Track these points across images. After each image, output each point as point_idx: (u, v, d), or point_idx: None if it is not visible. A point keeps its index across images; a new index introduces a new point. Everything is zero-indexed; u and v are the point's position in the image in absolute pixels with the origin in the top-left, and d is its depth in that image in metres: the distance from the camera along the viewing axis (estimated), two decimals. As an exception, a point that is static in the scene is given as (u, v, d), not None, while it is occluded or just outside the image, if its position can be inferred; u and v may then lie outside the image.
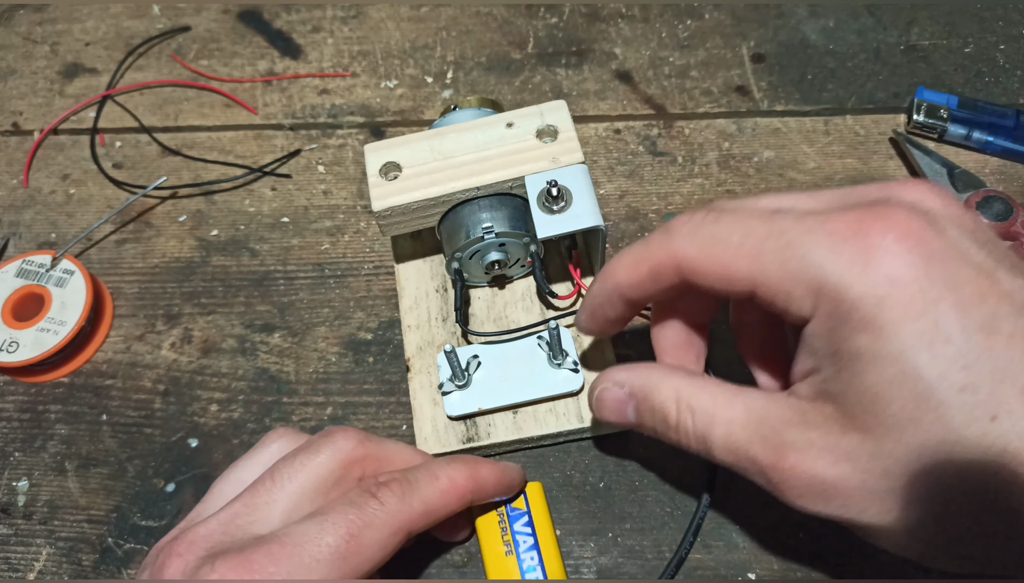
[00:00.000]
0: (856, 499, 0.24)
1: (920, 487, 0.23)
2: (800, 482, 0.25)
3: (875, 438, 0.23)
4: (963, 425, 0.22)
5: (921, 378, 0.22)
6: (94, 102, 0.53)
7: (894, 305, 0.23)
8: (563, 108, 0.37)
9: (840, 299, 0.23)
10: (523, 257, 0.38)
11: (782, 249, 0.24)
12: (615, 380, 0.30)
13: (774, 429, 0.26)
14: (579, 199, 0.35)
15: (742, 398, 0.27)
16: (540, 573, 0.32)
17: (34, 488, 0.38)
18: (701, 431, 0.27)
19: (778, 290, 0.25)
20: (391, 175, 0.36)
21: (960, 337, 0.22)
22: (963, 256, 0.23)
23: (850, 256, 0.23)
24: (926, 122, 0.46)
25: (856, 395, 0.24)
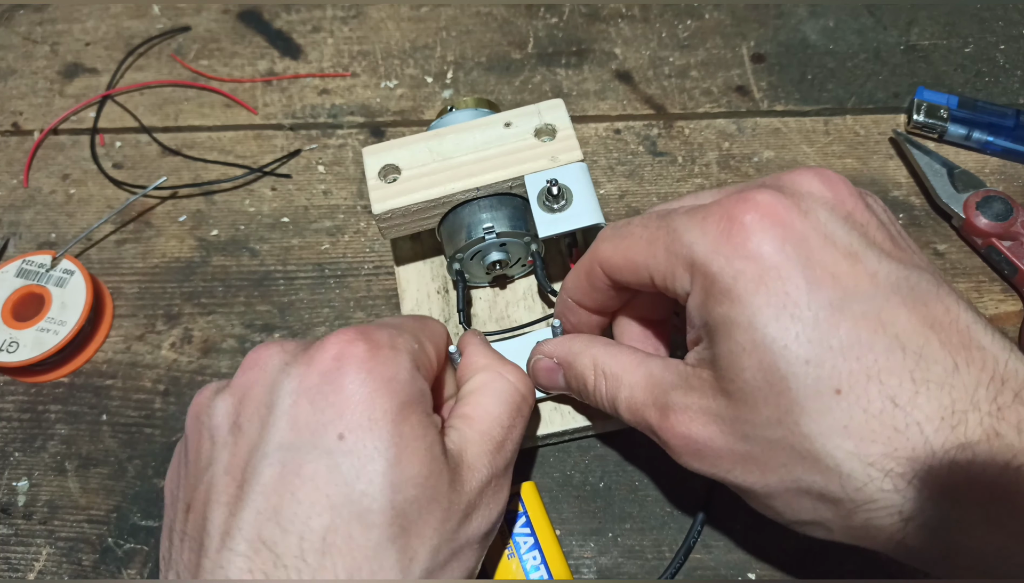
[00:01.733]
0: (724, 460, 0.26)
1: (775, 454, 0.25)
2: (679, 441, 0.27)
3: (735, 403, 0.25)
4: (806, 396, 0.23)
5: (768, 348, 0.24)
6: (94, 102, 0.53)
7: (748, 278, 0.24)
8: (561, 107, 0.37)
9: (706, 273, 0.25)
10: (524, 256, 0.38)
11: (668, 235, 0.27)
12: (545, 351, 0.34)
13: (664, 392, 0.28)
14: (579, 197, 0.35)
15: (646, 365, 0.29)
16: (544, 573, 0.32)
17: (34, 488, 0.38)
18: (611, 394, 0.30)
19: (665, 272, 0.27)
20: (390, 177, 0.36)
21: (807, 312, 0.24)
22: (826, 236, 0.25)
23: (715, 235, 0.25)
24: (926, 122, 0.46)
25: (721, 361, 0.25)
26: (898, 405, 0.23)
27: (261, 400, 0.26)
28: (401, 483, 0.25)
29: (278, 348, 0.28)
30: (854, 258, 0.25)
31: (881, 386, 0.23)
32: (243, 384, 0.27)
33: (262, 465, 0.25)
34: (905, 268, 0.25)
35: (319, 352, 0.26)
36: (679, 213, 0.27)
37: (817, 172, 0.27)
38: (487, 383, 0.30)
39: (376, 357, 0.26)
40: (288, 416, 0.25)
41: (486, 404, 0.29)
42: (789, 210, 0.25)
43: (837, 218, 0.25)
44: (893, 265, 0.25)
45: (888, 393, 0.23)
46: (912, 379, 0.23)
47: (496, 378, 0.30)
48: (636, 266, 0.28)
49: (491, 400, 0.30)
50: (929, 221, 0.44)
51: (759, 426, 0.25)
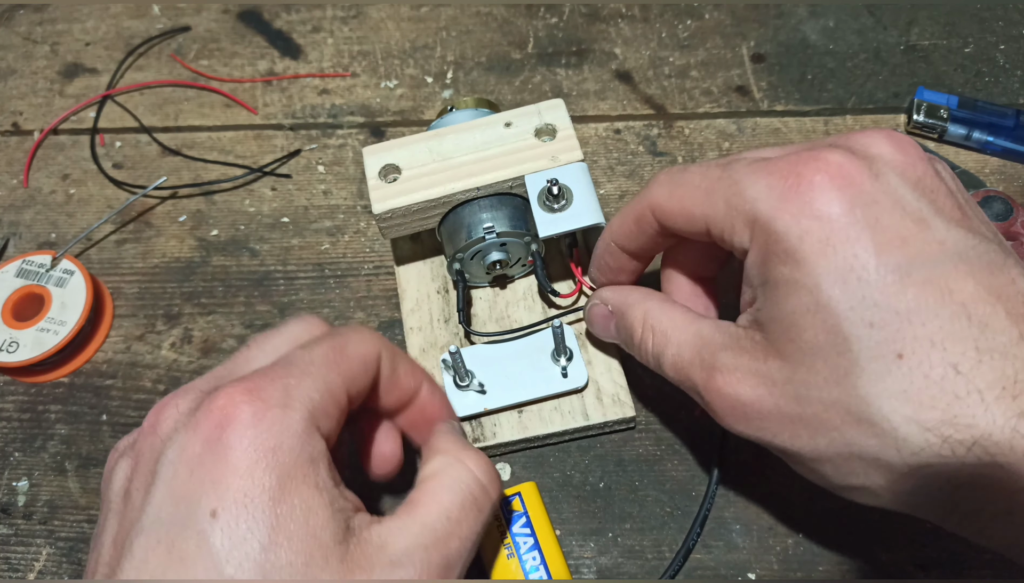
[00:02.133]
0: (772, 422, 0.26)
1: (829, 417, 0.24)
2: (725, 402, 0.27)
3: (791, 365, 0.25)
4: (868, 359, 0.23)
5: (832, 310, 0.24)
6: (94, 102, 0.53)
7: (815, 239, 0.24)
8: (561, 107, 0.37)
9: (769, 231, 0.25)
10: (524, 256, 0.38)
11: (729, 187, 0.27)
12: (602, 298, 0.34)
13: (712, 352, 0.28)
14: (579, 197, 0.35)
15: (696, 325, 0.29)
16: (544, 573, 0.32)
17: (34, 488, 0.38)
18: (657, 350, 0.30)
19: (724, 225, 0.27)
20: (390, 177, 0.36)
21: (874, 275, 0.24)
22: (896, 201, 0.24)
23: (781, 192, 0.25)
24: (926, 122, 0.46)
25: (778, 322, 0.25)
26: (960, 372, 0.22)
27: (149, 468, 0.25)
28: (273, 570, 0.22)
29: (174, 409, 0.26)
30: (923, 224, 0.24)
31: (944, 353, 0.23)
32: (139, 448, 0.26)
33: (138, 539, 0.23)
34: (973, 237, 0.24)
35: (205, 416, 0.24)
36: (742, 164, 0.27)
37: (888, 134, 0.26)
38: (443, 469, 0.27)
39: (261, 422, 0.24)
40: (168, 487, 0.24)
41: (436, 492, 0.27)
42: (860, 171, 0.25)
43: (907, 183, 0.25)
44: (961, 233, 0.24)
45: (950, 360, 0.23)
46: (976, 348, 0.23)
47: (453, 464, 0.28)
48: (692, 215, 0.28)
49: (442, 488, 0.27)
50: (929, 221, 0.44)
51: (814, 387, 0.24)
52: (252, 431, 0.24)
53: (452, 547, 0.26)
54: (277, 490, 0.23)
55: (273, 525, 0.23)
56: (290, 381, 0.25)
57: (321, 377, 0.26)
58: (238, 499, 0.23)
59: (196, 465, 0.24)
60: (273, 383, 0.25)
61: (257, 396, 0.24)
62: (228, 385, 0.25)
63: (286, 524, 0.23)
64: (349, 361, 0.27)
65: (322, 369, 0.26)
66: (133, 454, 0.26)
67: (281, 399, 0.25)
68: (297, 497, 0.23)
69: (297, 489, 0.24)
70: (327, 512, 0.24)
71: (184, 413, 0.26)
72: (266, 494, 0.23)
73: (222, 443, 0.23)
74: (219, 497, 0.23)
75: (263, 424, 0.24)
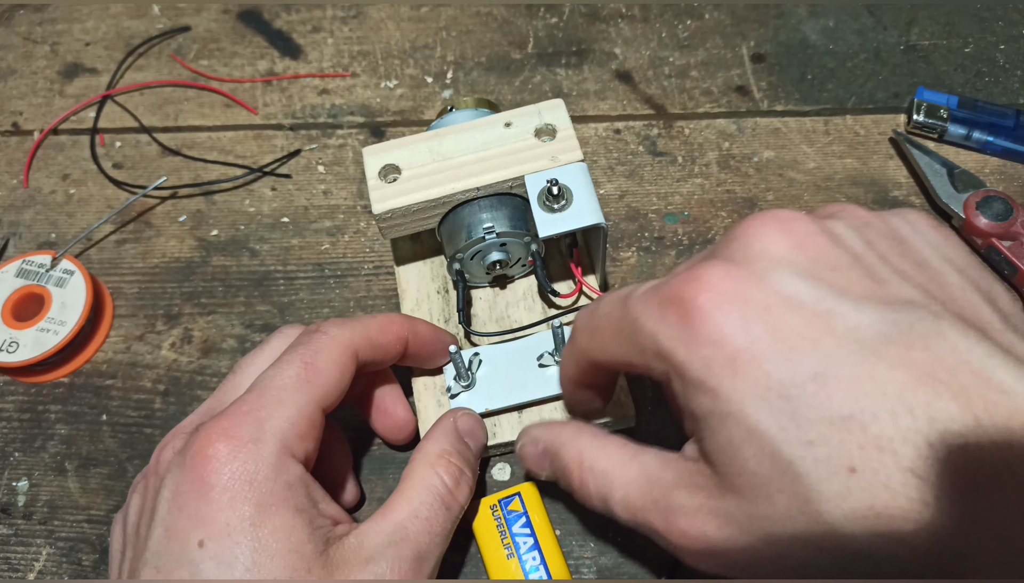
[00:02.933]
0: (750, 563, 0.23)
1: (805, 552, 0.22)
2: (693, 546, 0.24)
3: (748, 500, 0.23)
4: (820, 481, 0.21)
5: (764, 435, 0.22)
6: (94, 102, 0.53)
7: (719, 365, 0.22)
8: (561, 107, 0.37)
9: (675, 365, 0.23)
10: (524, 256, 0.38)
11: (630, 326, 0.25)
12: (532, 437, 0.32)
13: (665, 492, 0.25)
14: (579, 197, 0.35)
15: (639, 460, 0.27)
16: (544, 573, 0.32)
17: (34, 488, 0.38)
18: (602, 493, 0.28)
19: (641, 364, 0.25)
20: (390, 177, 0.36)
21: (794, 389, 0.21)
22: (789, 300, 0.22)
23: (673, 322, 0.23)
24: (926, 122, 0.46)
25: (719, 455, 0.23)
26: (922, 478, 0.20)
27: (151, 505, 0.28)
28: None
29: (171, 449, 0.29)
30: (828, 315, 0.22)
31: (896, 458, 0.20)
32: (144, 486, 0.30)
33: (144, 570, 0.27)
34: (892, 309, 0.22)
35: (189, 456, 0.27)
36: (636, 297, 0.25)
37: (769, 221, 0.24)
38: (415, 473, 0.31)
39: (236, 457, 0.27)
40: (163, 524, 0.27)
41: (407, 493, 0.30)
42: (742, 281, 0.23)
43: (798, 274, 0.23)
44: (876, 311, 0.22)
45: (906, 465, 0.20)
46: (929, 444, 0.20)
47: (425, 469, 0.31)
48: (615, 358, 0.27)
49: (413, 490, 0.30)
50: (929, 221, 0.44)
51: (779, 522, 0.22)
52: (228, 467, 0.26)
53: (422, 542, 0.29)
54: (257, 517, 0.26)
55: (256, 548, 0.26)
56: (261, 414, 0.28)
57: (291, 403, 0.29)
58: (222, 530, 0.26)
59: (184, 502, 0.27)
60: (245, 418, 0.28)
61: (231, 434, 0.27)
62: (207, 425, 0.28)
63: (268, 545, 0.26)
64: (321, 375, 0.30)
65: (293, 394, 0.29)
66: (141, 491, 0.30)
67: (253, 434, 0.27)
68: (277, 520, 0.26)
69: (276, 513, 0.26)
70: (307, 530, 0.27)
71: (177, 452, 0.28)
72: (246, 522, 0.26)
73: (205, 481, 0.26)
74: (205, 530, 0.26)
75: (238, 460, 0.27)
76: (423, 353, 0.35)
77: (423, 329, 0.35)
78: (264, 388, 0.29)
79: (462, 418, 0.34)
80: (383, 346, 0.33)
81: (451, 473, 0.31)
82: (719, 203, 0.45)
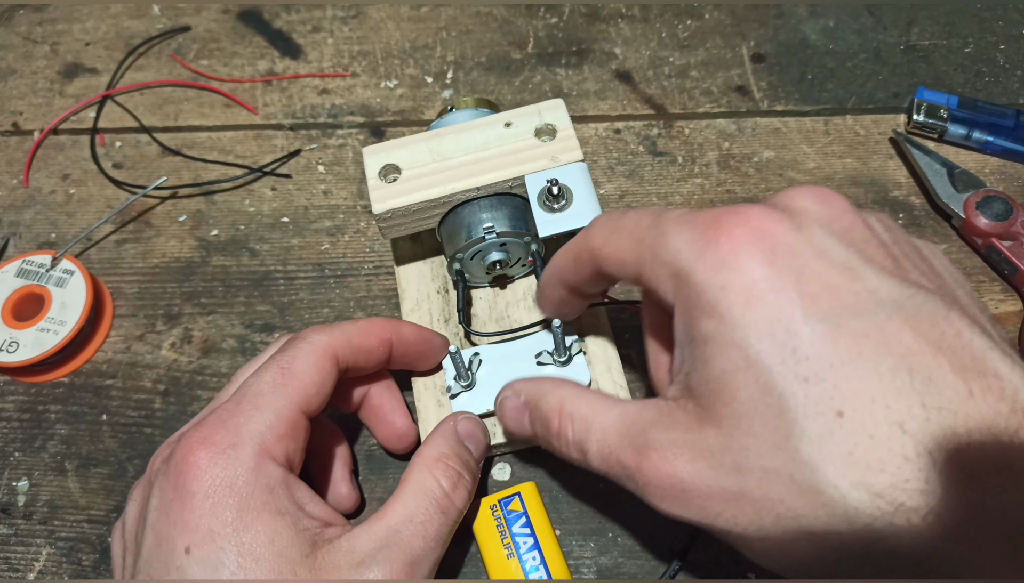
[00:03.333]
0: (713, 501, 0.23)
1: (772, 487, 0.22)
2: (661, 482, 0.25)
3: (727, 431, 0.23)
4: (806, 418, 0.21)
5: (763, 365, 0.22)
6: (94, 102, 0.53)
7: (736, 292, 0.23)
8: (561, 107, 0.37)
9: (690, 284, 0.24)
10: (524, 256, 0.38)
11: (656, 238, 0.25)
12: (514, 389, 0.32)
13: (641, 431, 0.26)
14: (579, 197, 0.35)
15: (619, 407, 0.27)
16: (544, 573, 0.32)
17: (34, 488, 0.38)
18: (578, 437, 0.28)
19: (650, 275, 0.26)
20: (390, 177, 0.36)
21: (803, 328, 0.22)
22: (820, 251, 0.23)
23: (701, 246, 0.24)
24: (926, 122, 0.46)
25: (708, 384, 0.23)
26: (907, 432, 0.20)
27: (143, 514, 0.29)
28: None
29: (160, 458, 0.30)
30: (851, 273, 0.23)
31: (887, 410, 0.21)
32: (139, 494, 0.30)
33: (139, 576, 0.27)
34: (908, 287, 0.23)
35: (172, 465, 0.28)
36: (672, 215, 0.26)
37: (812, 189, 0.26)
38: (413, 477, 0.30)
39: (215, 464, 0.27)
40: (153, 531, 0.27)
41: (403, 497, 0.30)
42: (780, 223, 0.24)
43: (832, 234, 0.24)
44: (895, 283, 0.23)
45: (895, 418, 0.20)
46: (922, 404, 0.20)
47: (423, 473, 0.30)
48: (624, 262, 0.27)
49: (409, 494, 0.30)
50: (929, 221, 0.44)
51: (754, 454, 0.22)
52: (208, 474, 0.27)
53: (416, 547, 0.28)
54: (238, 522, 0.26)
55: (240, 552, 0.26)
56: (239, 420, 0.28)
57: (269, 407, 0.29)
58: (205, 536, 0.26)
59: (169, 510, 0.27)
60: (224, 425, 0.28)
61: (210, 441, 0.28)
62: (188, 434, 0.28)
63: (252, 549, 0.26)
64: (297, 380, 0.30)
65: (269, 398, 0.29)
66: (136, 499, 0.30)
67: (231, 440, 0.28)
68: (260, 524, 0.27)
69: (258, 517, 0.27)
70: (291, 532, 0.27)
71: (164, 461, 0.29)
72: (229, 527, 0.26)
73: (186, 489, 0.27)
74: (190, 536, 0.26)
75: (217, 467, 0.27)
76: (410, 354, 0.35)
77: (408, 331, 0.34)
78: (242, 396, 0.29)
79: (463, 422, 0.33)
80: (365, 349, 0.33)
81: (448, 477, 0.31)
82: (719, 203, 0.45)
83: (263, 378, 0.30)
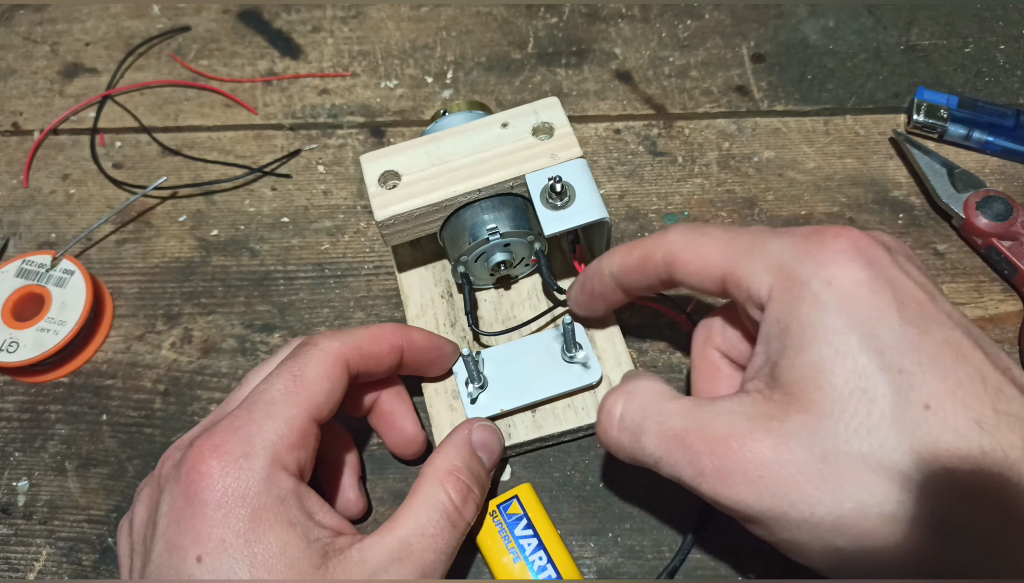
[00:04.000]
0: (791, 486, 0.24)
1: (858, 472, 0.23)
2: (739, 466, 0.25)
3: (816, 416, 0.24)
4: (897, 407, 0.23)
5: (860, 355, 0.24)
6: (94, 102, 0.53)
7: (840, 288, 0.25)
8: (556, 104, 0.37)
9: (794, 276, 0.26)
10: (527, 256, 0.38)
11: (752, 240, 0.28)
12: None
13: (715, 417, 0.26)
14: (581, 193, 0.35)
15: (683, 398, 0.28)
16: (552, 572, 0.32)
17: (34, 488, 0.38)
18: (635, 420, 0.28)
19: (743, 272, 0.27)
20: (390, 184, 0.36)
21: (898, 326, 0.24)
22: (907, 274, 0.26)
23: (805, 249, 0.26)
24: (926, 122, 0.46)
25: (801, 370, 0.25)
26: (984, 429, 0.23)
27: (152, 518, 0.29)
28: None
29: (170, 462, 0.30)
30: (932, 295, 0.26)
31: (967, 409, 0.23)
32: (147, 496, 0.30)
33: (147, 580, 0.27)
34: (965, 319, 0.26)
35: (184, 472, 0.27)
36: (763, 227, 0.28)
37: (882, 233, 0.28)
38: (423, 488, 0.30)
39: (228, 474, 0.27)
40: (163, 537, 0.27)
41: (414, 509, 0.30)
42: (873, 242, 0.26)
43: (913, 264, 0.27)
44: (961, 312, 0.26)
45: (974, 416, 0.23)
46: (995, 409, 0.23)
47: (434, 485, 0.30)
48: (707, 264, 0.28)
49: (420, 507, 0.30)
50: (929, 221, 0.44)
51: (843, 439, 0.24)
52: (221, 484, 0.27)
53: (427, 559, 0.29)
54: (251, 533, 0.26)
55: (252, 563, 0.26)
56: (251, 429, 0.28)
57: (280, 416, 0.29)
58: (217, 546, 0.26)
59: (180, 518, 0.27)
60: (235, 434, 0.28)
61: (223, 450, 0.27)
62: (199, 441, 0.28)
63: (264, 560, 0.26)
64: (309, 387, 0.30)
65: (281, 407, 0.29)
66: (145, 501, 0.30)
67: (244, 449, 0.28)
68: (271, 535, 0.27)
69: (270, 528, 0.27)
70: (302, 543, 0.27)
71: (174, 466, 0.29)
72: (241, 538, 0.26)
73: (198, 498, 0.27)
74: (202, 546, 0.26)
75: (229, 477, 0.27)
76: (421, 360, 0.35)
77: (419, 337, 0.34)
78: (253, 403, 0.29)
79: (478, 430, 0.33)
80: (375, 356, 0.32)
81: (459, 490, 0.30)
82: (719, 203, 0.45)
83: (275, 385, 0.30)
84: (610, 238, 0.37)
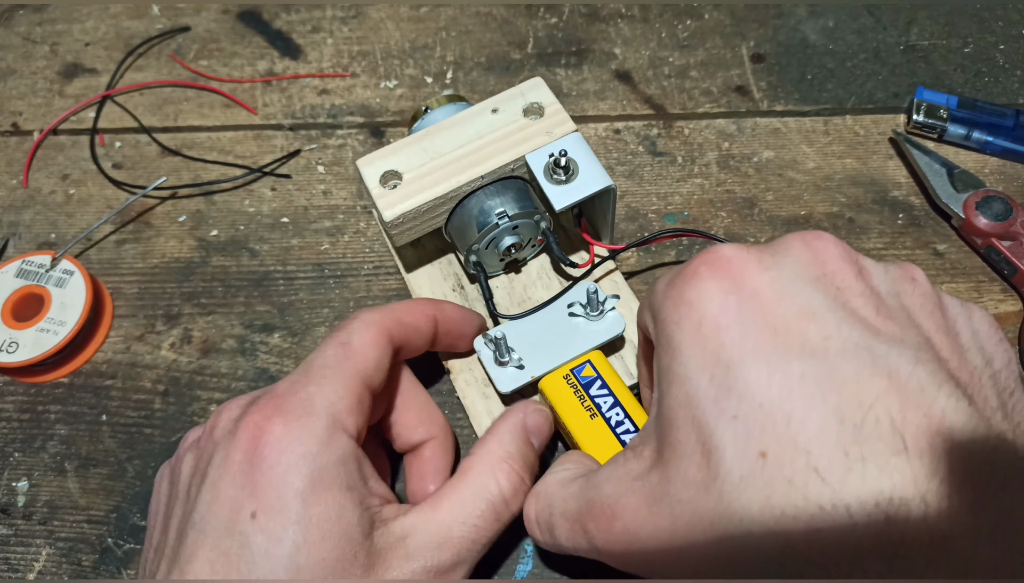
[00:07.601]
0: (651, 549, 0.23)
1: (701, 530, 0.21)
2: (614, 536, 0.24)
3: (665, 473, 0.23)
4: (733, 457, 0.21)
5: (698, 402, 0.22)
6: (94, 102, 0.53)
7: (688, 326, 0.23)
8: (541, 84, 0.38)
9: (657, 319, 0.25)
10: (533, 236, 0.38)
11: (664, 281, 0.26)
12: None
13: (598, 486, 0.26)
14: (583, 165, 0.35)
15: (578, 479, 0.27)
16: (630, 425, 0.32)
17: (34, 488, 0.38)
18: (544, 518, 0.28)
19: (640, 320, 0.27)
20: (391, 184, 0.36)
21: (739, 365, 0.22)
22: (781, 292, 0.23)
23: (669, 281, 0.25)
24: (926, 122, 0.46)
25: (659, 422, 0.24)
26: (825, 481, 0.19)
27: (203, 468, 0.28)
28: (308, 566, 0.25)
29: (227, 416, 0.29)
30: (809, 317, 0.22)
31: (808, 457, 0.20)
32: (201, 446, 0.29)
33: (191, 534, 0.26)
34: (874, 338, 0.22)
35: (243, 428, 0.27)
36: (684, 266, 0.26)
37: (808, 233, 0.25)
38: (477, 471, 0.30)
39: (290, 433, 0.27)
40: (214, 489, 0.27)
41: (462, 493, 0.29)
42: (744, 263, 0.23)
43: (804, 276, 0.23)
44: (857, 331, 0.22)
45: (813, 464, 0.20)
46: (845, 453, 0.20)
47: (486, 473, 0.30)
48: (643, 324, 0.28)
49: (469, 492, 0.29)
50: (929, 221, 0.44)
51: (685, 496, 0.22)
52: (283, 441, 0.26)
53: (464, 549, 0.28)
54: (309, 494, 0.26)
55: (307, 525, 0.25)
56: (311, 390, 0.28)
57: (337, 378, 0.29)
58: (274, 503, 0.26)
59: (237, 472, 0.26)
60: (296, 395, 0.28)
61: (285, 410, 0.27)
62: (261, 400, 0.28)
63: (319, 524, 0.26)
64: (356, 356, 0.30)
65: (336, 370, 0.29)
66: (196, 451, 0.29)
67: (305, 409, 0.27)
68: (329, 498, 0.26)
69: (327, 490, 0.26)
70: (357, 510, 0.27)
71: (233, 421, 0.28)
72: (299, 498, 0.26)
73: (258, 454, 0.26)
74: (258, 501, 0.26)
75: (291, 434, 0.27)
76: (454, 332, 0.35)
77: (450, 308, 0.35)
78: (307, 369, 0.29)
79: (532, 415, 0.32)
80: (414, 326, 0.33)
81: (511, 481, 0.30)
82: (719, 203, 0.45)
83: (325, 352, 0.30)
84: (615, 207, 0.37)
